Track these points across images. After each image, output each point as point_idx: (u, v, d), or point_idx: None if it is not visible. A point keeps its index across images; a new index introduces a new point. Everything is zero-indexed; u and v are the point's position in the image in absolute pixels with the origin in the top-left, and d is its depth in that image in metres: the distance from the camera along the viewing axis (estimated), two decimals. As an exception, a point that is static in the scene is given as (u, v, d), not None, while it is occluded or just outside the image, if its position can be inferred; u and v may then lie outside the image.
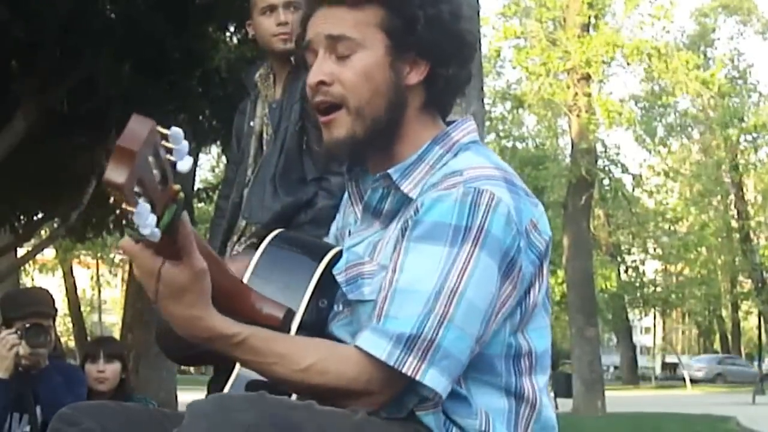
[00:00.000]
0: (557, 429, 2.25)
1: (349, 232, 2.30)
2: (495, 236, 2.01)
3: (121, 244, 1.87)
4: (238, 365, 2.17)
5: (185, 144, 1.68)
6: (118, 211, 1.60)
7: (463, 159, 2.15)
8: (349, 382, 1.99)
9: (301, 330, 2.19)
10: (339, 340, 2.20)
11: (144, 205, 1.59)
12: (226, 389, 2.21)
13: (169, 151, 1.67)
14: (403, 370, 1.96)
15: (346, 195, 2.37)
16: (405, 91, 2.15)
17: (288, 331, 2.16)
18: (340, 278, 2.19)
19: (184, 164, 1.69)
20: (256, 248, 2.34)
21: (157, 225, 1.66)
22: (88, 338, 31.91)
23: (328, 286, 2.24)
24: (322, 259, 2.27)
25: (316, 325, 2.21)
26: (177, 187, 1.70)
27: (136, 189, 1.57)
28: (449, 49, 2.15)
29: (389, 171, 2.14)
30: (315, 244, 2.41)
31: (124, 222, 1.64)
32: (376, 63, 2.12)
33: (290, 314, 2.17)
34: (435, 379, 1.97)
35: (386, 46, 2.12)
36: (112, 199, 1.59)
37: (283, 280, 2.26)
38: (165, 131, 1.65)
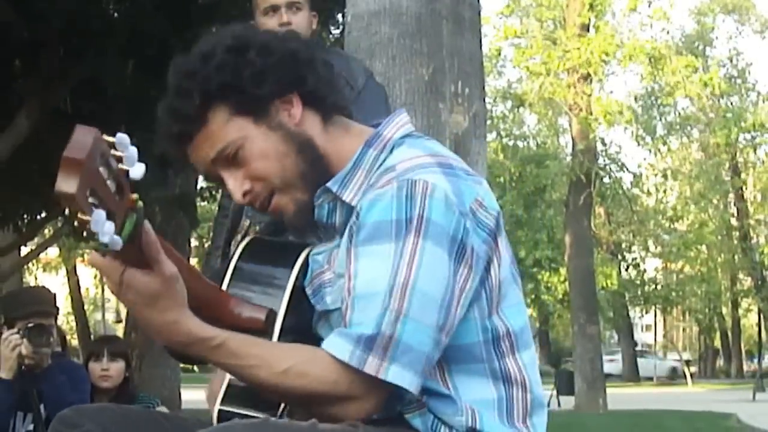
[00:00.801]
0: (545, 406, 2.22)
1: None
2: (436, 223, 2.00)
3: (89, 258, 1.86)
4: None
5: (133, 150, 1.67)
6: (75, 223, 1.59)
7: (397, 154, 2.15)
8: (330, 386, 1.98)
9: (284, 332, 2.18)
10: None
11: (99, 213, 1.57)
12: (219, 396, 2.21)
13: (119, 159, 1.65)
14: (365, 370, 1.95)
15: None
16: (299, 130, 2.15)
17: (272, 333, 2.16)
18: (308, 290, 2.21)
19: (136, 171, 1.68)
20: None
21: (119, 235, 1.65)
22: (92, 337, 31.91)
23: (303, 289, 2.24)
24: (296, 259, 2.27)
25: (298, 327, 2.20)
26: (134, 196, 1.69)
27: (91, 200, 1.56)
28: (291, 70, 2.15)
29: (327, 184, 2.15)
30: (289, 247, 2.39)
31: (83, 233, 1.62)
32: (261, 141, 2.13)
33: (272, 315, 2.16)
34: (398, 375, 1.95)
35: (251, 123, 2.12)
36: (67, 211, 1.58)
37: (260, 284, 2.25)
38: (111, 139, 1.64)
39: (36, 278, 51.38)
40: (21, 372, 4.53)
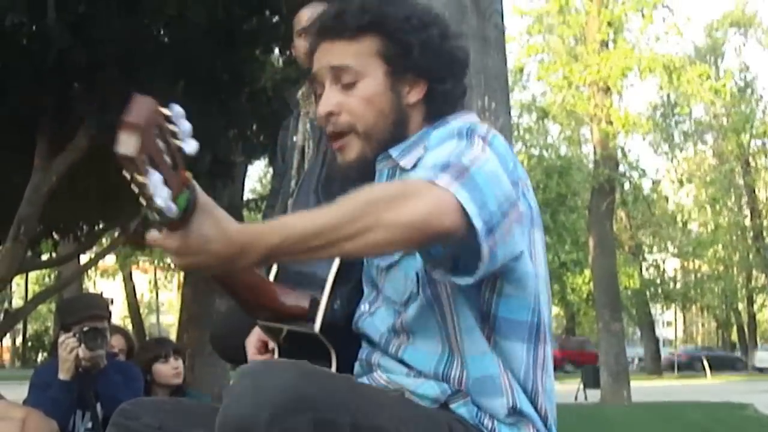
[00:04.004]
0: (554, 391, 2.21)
1: None
2: (500, 152, 1.98)
3: (148, 238, 1.74)
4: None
5: (187, 124, 1.65)
6: (134, 188, 1.55)
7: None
8: (385, 189, 1.86)
9: (326, 325, 2.18)
10: (368, 337, 2.20)
11: (157, 176, 1.54)
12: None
13: (174, 134, 1.62)
14: (438, 182, 1.82)
15: None
16: (406, 109, 2.16)
17: (314, 320, 2.15)
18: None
19: (189, 146, 1.65)
20: None
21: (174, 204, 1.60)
22: (147, 338, 32.09)
23: (347, 276, 2.23)
24: None
25: (340, 321, 2.20)
26: (188, 174, 1.66)
27: (146, 161, 1.53)
28: (443, 67, 2.16)
29: (389, 150, 2.15)
30: None
31: (140, 199, 1.57)
32: (378, 88, 2.13)
33: (315, 303, 2.15)
34: (466, 199, 1.82)
35: (385, 71, 2.13)
36: (126, 174, 1.55)
37: (303, 276, 2.26)
38: (167, 111, 1.62)
39: (95, 284, 51.71)
40: (78, 373, 4.56)
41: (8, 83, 9.96)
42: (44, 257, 17.34)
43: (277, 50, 11.51)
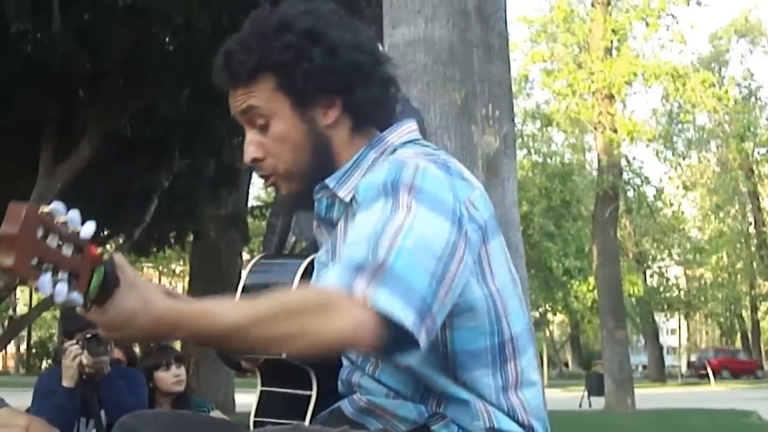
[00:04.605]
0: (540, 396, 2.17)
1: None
2: (431, 193, 1.92)
3: (79, 311, 1.69)
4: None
5: (73, 212, 1.62)
6: (33, 291, 1.58)
7: (396, 155, 2.12)
8: (304, 301, 1.80)
9: None
10: (347, 356, 2.19)
11: (44, 278, 1.54)
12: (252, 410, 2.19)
13: (65, 223, 1.61)
14: (354, 291, 1.77)
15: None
16: (326, 132, 2.12)
17: None
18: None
19: (86, 229, 1.62)
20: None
21: (87, 290, 1.61)
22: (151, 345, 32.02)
23: None
24: (297, 270, 2.31)
25: None
26: (99, 250, 1.64)
27: (44, 266, 1.54)
28: (344, 78, 2.11)
29: (326, 181, 2.13)
30: (291, 263, 2.42)
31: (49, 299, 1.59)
32: (287, 124, 2.11)
33: None
34: (387, 301, 1.76)
35: (291, 104, 2.11)
36: (17, 281, 1.58)
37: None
38: (46, 209, 1.58)
39: (100, 292, 51.65)
40: (82, 380, 4.55)
41: (13, 91, 9.98)
42: (49, 264, 17.36)
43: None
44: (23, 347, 61.83)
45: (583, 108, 27.88)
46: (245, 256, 25.75)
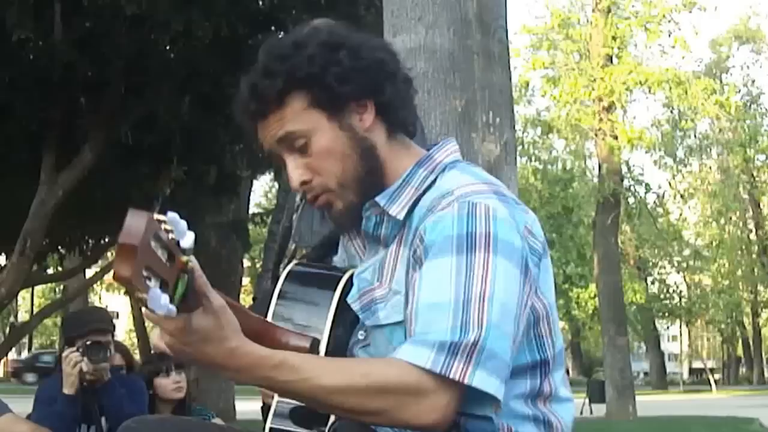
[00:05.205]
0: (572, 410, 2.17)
1: (360, 259, 2.26)
2: (504, 240, 1.95)
3: (145, 315, 1.75)
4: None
5: (183, 223, 1.65)
6: (134, 298, 1.60)
7: (451, 178, 2.11)
8: (411, 393, 1.84)
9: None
10: None
11: (155, 290, 1.57)
12: (270, 415, 2.17)
13: (170, 231, 1.64)
14: (451, 375, 1.82)
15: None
16: (367, 136, 2.12)
17: None
18: (355, 306, 2.15)
19: (186, 240, 1.66)
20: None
21: (172, 299, 1.63)
22: (152, 351, 32.07)
23: (345, 312, 2.19)
24: (336, 287, 2.24)
25: (339, 353, 2.16)
26: (185, 258, 1.66)
27: (145, 273, 1.56)
28: (373, 79, 2.10)
29: (377, 198, 2.11)
30: (328, 274, 2.36)
31: (143, 308, 1.63)
32: (329, 137, 2.09)
33: (316, 343, 2.12)
34: (484, 381, 1.84)
35: (327, 117, 2.09)
36: (124, 290, 1.58)
37: (303, 313, 2.22)
38: (162, 218, 1.63)
39: (100, 298, 51.72)
40: (83, 387, 4.55)
41: (15, 98, 9.98)
42: (50, 271, 17.38)
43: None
44: (25, 354, 61.80)
45: (584, 115, 27.89)
46: (246, 263, 25.81)
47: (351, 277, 2.24)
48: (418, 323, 1.91)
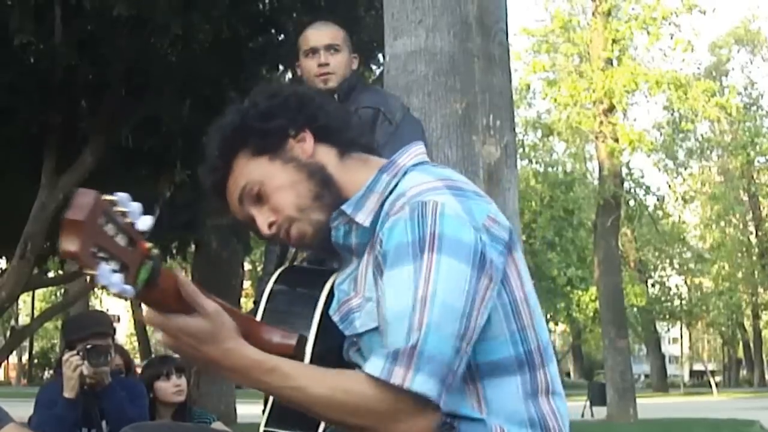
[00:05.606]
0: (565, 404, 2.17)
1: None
2: (449, 237, 1.97)
3: (146, 316, 1.89)
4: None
5: (135, 205, 1.69)
6: (87, 279, 1.64)
7: (409, 179, 2.14)
8: (370, 403, 1.93)
9: (314, 358, 2.18)
10: (358, 366, 2.16)
11: (104, 267, 1.60)
12: (264, 418, 2.20)
13: (124, 214, 1.67)
14: (392, 381, 1.89)
15: None
16: (312, 160, 2.18)
17: (302, 358, 2.15)
18: (335, 317, 2.18)
19: (143, 222, 1.69)
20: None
21: (134, 283, 1.67)
22: (153, 355, 32.10)
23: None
24: (324, 285, 2.30)
25: (328, 353, 2.19)
26: (148, 245, 1.70)
27: (101, 254, 1.60)
28: (299, 109, 2.19)
29: (342, 207, 2.14)
30: (316, 275, 2.40)
31: (96, 287, 1.66)
32: (277, 175, 2.16)
33: (303, 340, 2.16)
34: (423, 384, 1.88)
35: (267, 161, 2.17)
36: (77, 267, 1.61)
37: (290, 313, 2.28)
38: (112, 197, 1.66)
39: (101, 302, 51.74)
40: (83, 391, 4.55)
41: (16, 101, 9.99)
42: (51, 275, 17.38)
43: (282, 68, 11.54)
44: (25, 357, 61.84)
45: (584, 118, 27.90)
46: (247, 266, 25.81)
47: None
48: (388, 336, 1.96)
